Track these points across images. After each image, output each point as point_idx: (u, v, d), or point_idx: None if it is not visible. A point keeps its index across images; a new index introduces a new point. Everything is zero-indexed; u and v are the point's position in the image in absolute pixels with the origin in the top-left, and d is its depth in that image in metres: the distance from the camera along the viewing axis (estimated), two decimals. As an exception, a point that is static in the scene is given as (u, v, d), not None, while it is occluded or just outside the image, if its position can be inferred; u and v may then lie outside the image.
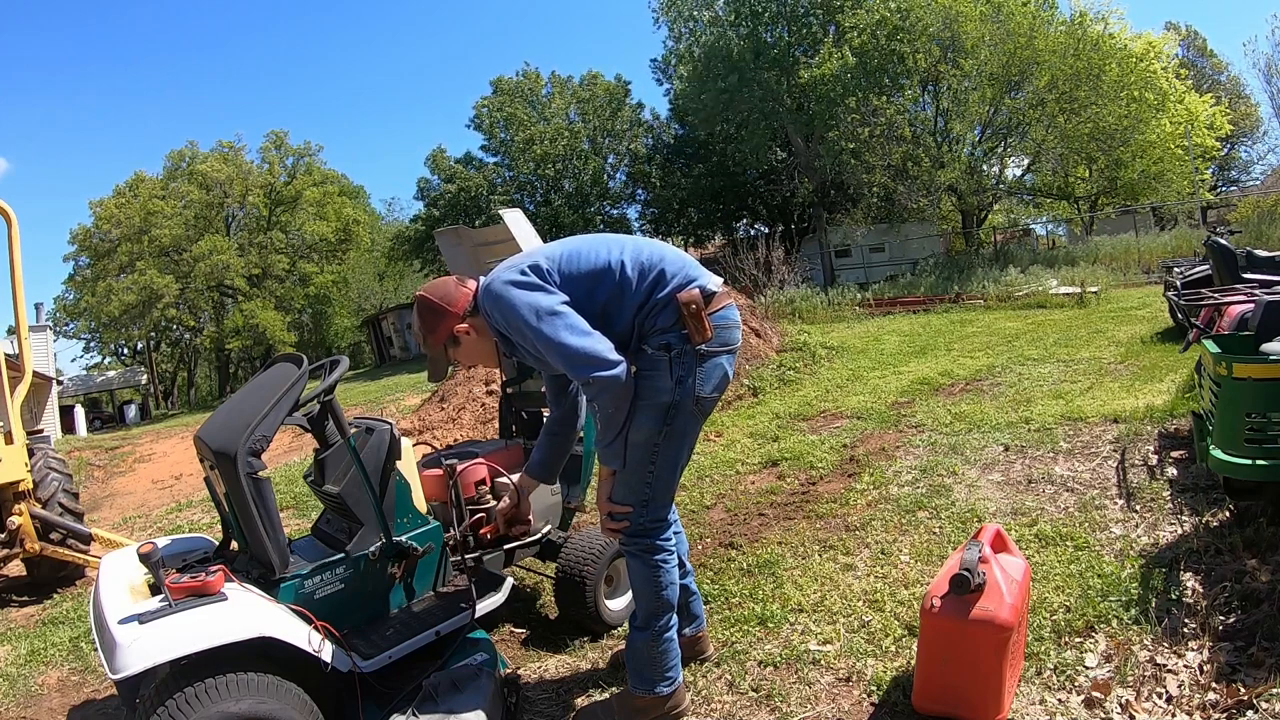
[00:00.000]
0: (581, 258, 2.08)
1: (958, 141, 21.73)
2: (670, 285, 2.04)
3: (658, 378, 2.04)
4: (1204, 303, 4.34)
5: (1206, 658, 2.14)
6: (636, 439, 2.07)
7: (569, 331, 1.95)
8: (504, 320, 2.04)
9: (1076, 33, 19.66)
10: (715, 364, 2.08)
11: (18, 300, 4.84)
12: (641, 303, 2.05)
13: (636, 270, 2.05)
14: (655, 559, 2.14)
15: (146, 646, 1.79)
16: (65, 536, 4.57)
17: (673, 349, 2.03)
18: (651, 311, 2.05)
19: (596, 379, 1.94)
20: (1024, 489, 3.74)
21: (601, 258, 2.07)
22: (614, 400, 2.01)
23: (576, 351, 1.94)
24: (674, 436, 2.08)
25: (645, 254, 2.09)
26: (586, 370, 1.95)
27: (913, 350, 9.52)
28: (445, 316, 2.14)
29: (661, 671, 2.15)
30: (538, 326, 1.96)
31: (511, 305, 2.00)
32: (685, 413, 2.07)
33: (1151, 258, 16.98)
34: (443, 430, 7.77)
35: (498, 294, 2.03)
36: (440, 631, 2.32)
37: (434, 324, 2.15)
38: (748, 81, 22.11)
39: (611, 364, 1.95)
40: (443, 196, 28.97)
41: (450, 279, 2.22)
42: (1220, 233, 8.28)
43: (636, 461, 2.08)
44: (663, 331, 2.04)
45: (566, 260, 2.07)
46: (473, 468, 2.79)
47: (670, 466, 2.11)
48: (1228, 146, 30.96)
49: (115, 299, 30.29)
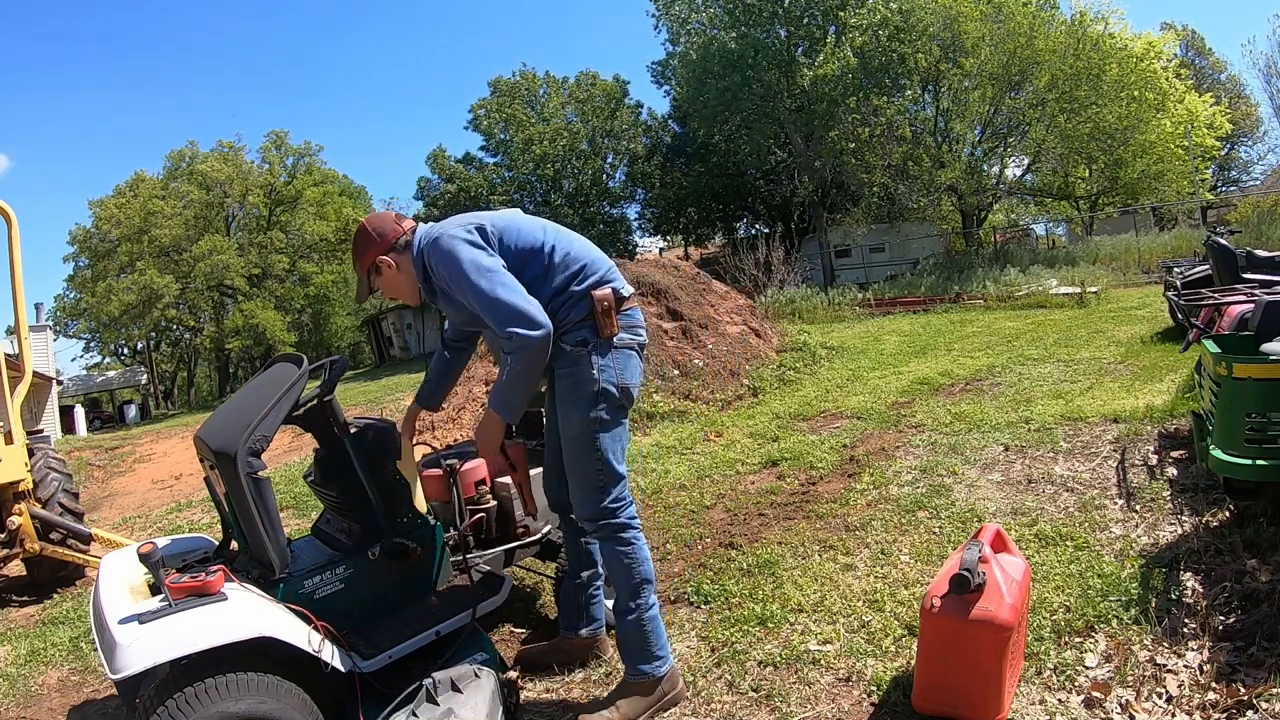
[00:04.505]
0: (520, 234, 2.25)
1: (958, 141, 21.75)
2: (588, 281, 2.22)
3: (580, 370, 2.19)
4: (1204, 303, 4.34)
5: (1206, 658, 2.14)
6: (572, 433, 2.22)
7: (504, 289, 2.10)
8: (445, 271, 2.17)
9: (1076, 32, 19.67)
10: (629, 354, 2.26)
11: (18, 300, 4.84)
12: (559, 290, 2.20)
13: (563, 260, 2.22)
14: (625, 537, 2.25)
15: (146, 646, 1.79)
16: (65, 536, 4.57)
17: (589, 342, 2.19)
18: (566, 302, 2.20)
19: (518, 335, 2.05)
20: (1024, 489, 3.74)
21: (536, 239, 2.25)
22: (526, 361, 2.08)
23: (508, 307, 2.08)
24: (607, 424, 2.21)
25: (574, 247, 2.27)
26: (511, 324, 2.06)
27: (913, 350, 9.52)
28: (372, 245, 2.30)
29: (653, 652, 2.23)
30: (475, 281, 2.10)
31: (456, 258, 2.14)
32: (612, 400, 2.21)
33: (1151, 258, 16.97)
34: (443, 430, 7.77)
35: (445, 248, 2.17)
36: (440, 631, 2.31)
37: (363, 249, 2.32)
38: (748, 81, 22.09)
39: (536, 324, 2.07)
40: (443, 196, 28.96)
41: (391, 214, 2.39)
42: (1220, 233, 8.27)
43: (579, 455, 2.22)
44: (575, 326, 2.20)
45: (506, 232, 2.23)
46: (473, 468, 2.79)
47: (612, 450, 2.23)
48: (1228, 146, 30.95)
49: (115, 299, 30.28)
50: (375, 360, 36.00)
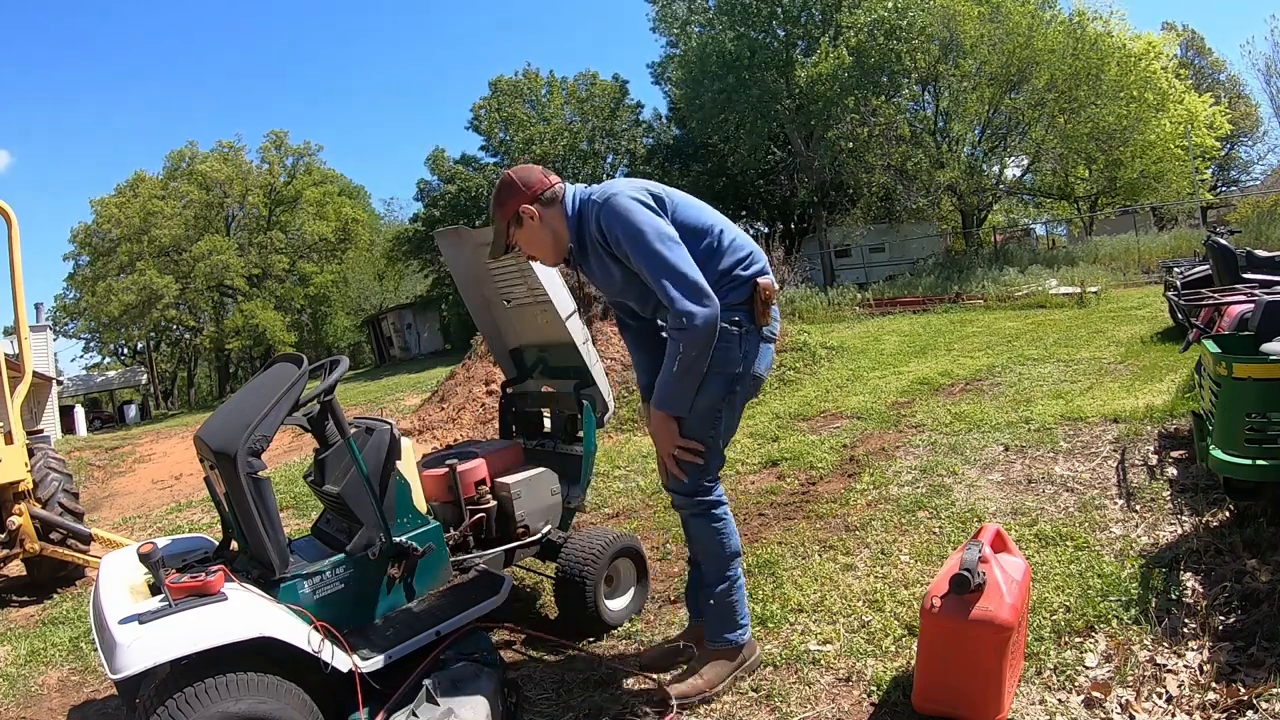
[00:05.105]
0: (692, 209, 2.22)
1: (957, 141, 21.75)
2: (754, 268, 2.21)
3: (730, 348, 2.17)
4: (1204, 303, 4.34)
5: (1206, 658, 2.14)
6: (702, 404, 2.19)
7: (684, 261, 2.05)
8: (620, 232, 2.07)
9: (1075, 32, 19.66)
10: (767, 348, 2.28)
11: (18, 300, 4.84)
12: (725, 271, 2.17)
13: (730, 244, 2.20)
14: (715, 513, 2.28)
15: (146, 646, 1.79)
16: (65, 536, 4.57)
17: (742, 325, 2.18)
18: (731, 284, 2.17)
19: (695, 313, 2.01)
20: (1024, 489, 3.74)
21: (706, 219, 2.22)
22: (698, 344, 2.04)
23: (690, 281, 2.02)
24: (733, 406, 2.25)
25: (738, 234, 2.26)
26: (692, 300, 2.01)
27: (913, 350, 9.52)
28: (516, 194, 2.19)
29: (737, 620, 2.32)
30: (657, 248, 2.03)
31: (635, 220, 2.06)
32: (745, 385, 2.24)
33: (1151, 258, 16.97)
34: (443, 430, 7.77)
35: (623, 207, 2.08)
36: (440, 631, 2.31)
37: (505, 198, 2.21)
38: (745, 82, 22.10)
39: (711, 301, 2.04)
40: (443, 197, 28.97)
41: (538, 167, 2.28)
42: (1220, 233, 8.27)
43: (697, 428, 2.20)
44: (734, 307, 2.16)
45: (679, 206, 2.19)
46: (472, 468, 2.79)
47: (727, 433, 2.28)
48: (1228, 146, 30.95)
49: (115, 299, 30.31)
50: (375, 360, 36.00)
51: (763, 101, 22.21)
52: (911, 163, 20.93)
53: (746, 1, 21.96)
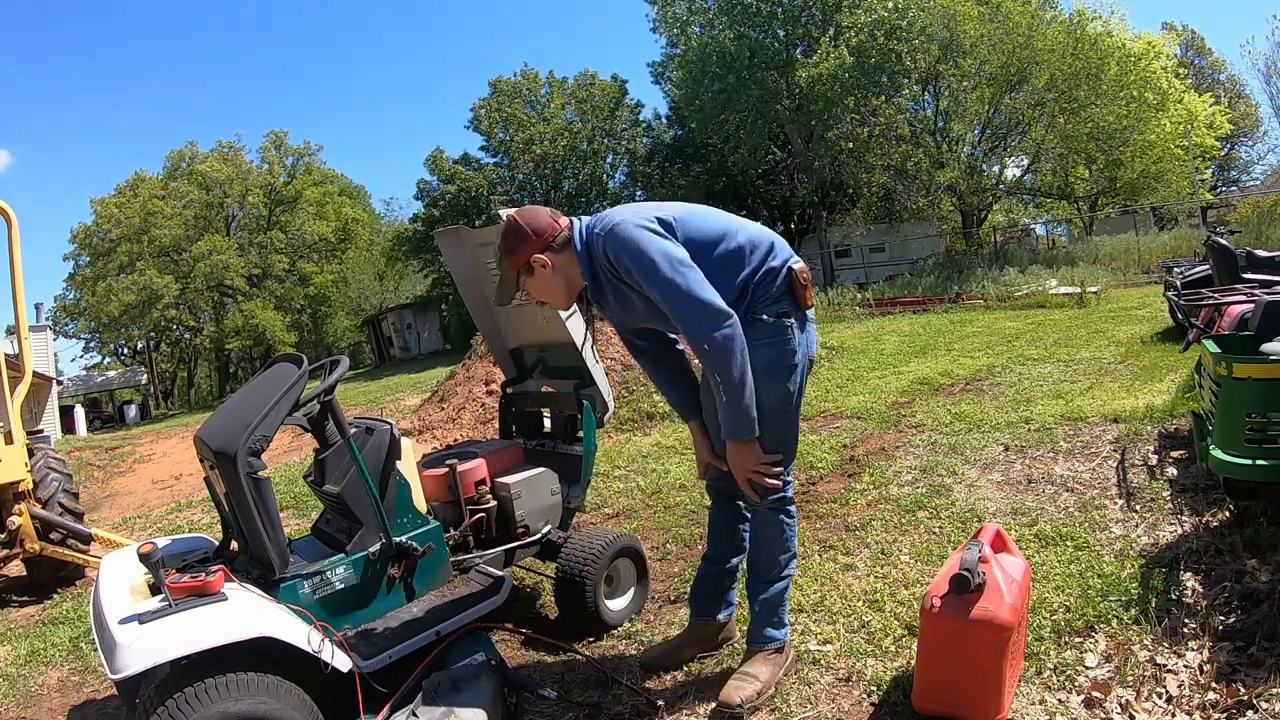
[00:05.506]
0: (699, 220, 2.15)
1: (957, 141, 21.76)
2: (781, 257, 2.17)
3: (786, 343, 2.14)
4: (1204, 303, 4.34)
5: (1206, 658, 2.14)
6: (773, 404, 2.14)
7: (698, 284, 1.99)
8: (631, 263, 2.02)
9: (1075, 32, 19.66)
10: (812, 328, 2.26)
11: (18, 300, 4.84)
12: (755, 269, 2.14)
13: (749, 242, 2.15)
14: (790, 510, 2.28)
15: (146, 646, 1.79)
16: (65, 536, 4.57)
17: (790, 314, 2.15)
18: (766, 278, 2.14)
19: (718, 336, 1.98)
20: (1024, 489, 3.74)
21: (719, 225, 2.16)
22: (728, 363, 2.00)
23: (707, 304, 1.99)
24: (799, 395, 2.22)
25: (755, 230, 2.21)
26: (713, 326, 1.98)
27: (913, 350, 9.52)
28: (528, 242, 2.11)
29: (783, 619, 2.30)
30: (670, 276, 1.98)
31: (644, 250, 2.00)
32: (804, 372, 2.22)
33: (1151, 258, 16.97)
34: (443, 430, 7.77)
35: (629, 237, 2.02)
36: (440, 631, 2.31)
37: (515, 246, 2.12)
38: (745, 82, 22.09)
39: (727, 316, 2.00)
40: (443, 197, 28.96)
41: (545, 210, 2.21)
42: (1220, 233, 8.27)
43: (775, 426, 2.16)
44: (777, 298, 2.14)
45: (682, 222, 2.11)
46: (472, 468, 2.79)
47: (798, 423, 2.27)
48: (1228, 146, 30.96)
49: (115, 299, 30.32)
50: (375, 360, 36.00)
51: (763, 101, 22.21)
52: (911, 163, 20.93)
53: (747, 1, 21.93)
